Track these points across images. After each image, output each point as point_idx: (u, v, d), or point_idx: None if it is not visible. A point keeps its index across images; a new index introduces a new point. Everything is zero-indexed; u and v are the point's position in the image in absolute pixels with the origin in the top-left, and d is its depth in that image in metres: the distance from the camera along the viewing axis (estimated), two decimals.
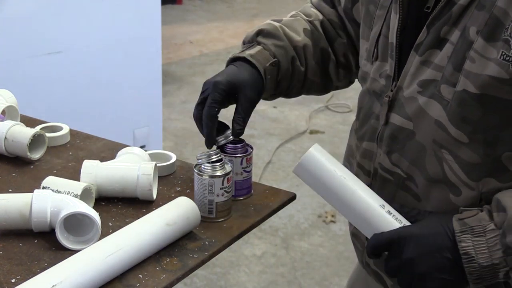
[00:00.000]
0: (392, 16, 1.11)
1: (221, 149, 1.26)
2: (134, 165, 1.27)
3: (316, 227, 3.09)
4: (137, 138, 2.99)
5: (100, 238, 1.10)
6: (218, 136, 1.22)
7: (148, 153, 1.37)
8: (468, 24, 0.99)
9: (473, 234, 0.97)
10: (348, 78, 1.37)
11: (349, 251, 2.90)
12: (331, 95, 4.65)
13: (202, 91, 1.21)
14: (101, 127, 2.48)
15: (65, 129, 1.52)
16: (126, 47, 2.86)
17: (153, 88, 3.03)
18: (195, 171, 1.20)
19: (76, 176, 1.30)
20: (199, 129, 1.21)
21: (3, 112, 1.49)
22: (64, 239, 1.11)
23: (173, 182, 1.34)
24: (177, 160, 1.40)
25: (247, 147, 1.28)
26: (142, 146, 2.90)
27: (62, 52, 2.66)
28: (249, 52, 1.25)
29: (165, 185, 1.33)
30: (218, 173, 1.19)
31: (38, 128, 1.48)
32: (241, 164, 1.26)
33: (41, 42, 2.59)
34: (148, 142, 3.03)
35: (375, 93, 1.15)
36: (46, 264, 1.07)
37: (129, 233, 1.09)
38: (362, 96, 1.21)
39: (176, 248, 1.13)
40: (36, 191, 1.15)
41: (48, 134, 1.46)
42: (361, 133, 1.19)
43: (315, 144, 1.09)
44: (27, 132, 1.39)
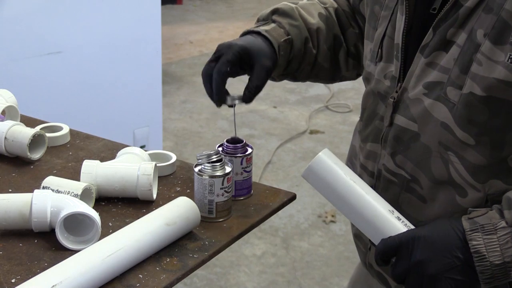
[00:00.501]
0: (398, 17, 1.11)
1: (221, 149, 1.26)
2: (134, 165, 1.27)
3: (316, 227, 3.09)
4: (137, 138, 2.99)
5: (100, 238, 1.10)
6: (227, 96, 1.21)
7: (148, 153, 1.37)
8: (475, 26, 0.99)
9: (484, 232, 0.96)
10: (356, 70, 1.37)
11: (349, 251, 2.90)
12: (331, 95, 4.65)
13: (215, 52, 1.20)
14: (101, 127, 2.48)
15: (65, 129, 1.52)
16: (126, 47, 2.86)
17: (153, 88, 3.02)
18: (195, 171, 1.20)
19: (76, 176, 1.30)
20: (205, 87, 1.19)
21: (3, 112, 1.49)
22: (64, 239, 1.11)
23: (173, 182, 1.34)
24: (177, 160, 1.40)
25: (247, 147, 1.28)
26: (142, 146, 2.90)
27: (62, 52, 2.66)
28: (264, 28, 1.24)
29: (165, 185, 1.33)
30: (218, 173, 1.19)
31: (38, 128, 1.49)
32: (241, 164, 1.26)
33: (41, 42, 2.59)
34: (148, 142, 3.03)
35: (380, 94, 1.15)
36: (46, 264, 1.07)
37: (129, 233, 1.09)
38: (366, 97, 1.20)
39: (176, 248, 1.13)
40: (36, 191, 1.15)
41: (48, 134, 1.46)
42: (365, 134, 1.19)
43: (325, 149, 1.08)
44: (27, 132, 1.39)
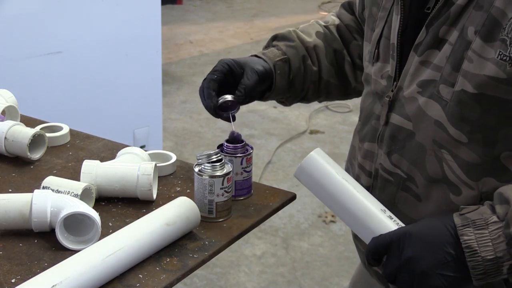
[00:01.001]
0: (393, 18, 1.12)
1: (221, 149, 1.26)
2: (134, 165, 1.27)
3: (316, 227, 3.09)
4: (137, 138, 2.99)
5: (100, 238, 1.10)
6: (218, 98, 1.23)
7: (148, 153, 1.37)
8: (466, 24, 1.00)
9: (475, 227, 0.95)
10: None
11: (349, 251, 2.90)
12: None
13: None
14: (101, 127, 2.48)
15: (65, 129, 1.52)
16: (126, 47, 2.86)
17: (153, 88, 3.02)
18: (195, 171, 1.20)
19: (76, 176, 1.30)
20: (202, 101, 1.23)
21: (3, 112, 1.49)
22: (64, 239, 1.11)
23: (173, 182, 1.34)
24: (177, 160, 1.40)
25: (247, 147, 1.28)
26: (142, 146, 2.90)
27: (62, 52, 2.66)
28: (259, 52, 1.30)
29: (165, 185, 1.33)
30: (218, 173, 1.19)
31: (38, 128, 1.49)
32: (241, 164, 1.26)
33: (41, 42, 2.59)
34: (148, 142, 3.03)
35: (376, 94, 1.16)
36: (46, 264, 1.07)
37: (129, 233, 1.09)
38: (364, 98, 1.21)
39: (176, 248, 1.13)
40: (36, 191, 1.15)
41: (48, 134, 1.46)
42: (362, 134, 1.20)
43: (317, 148, 1.09)
44: (27, 132, 1.39)
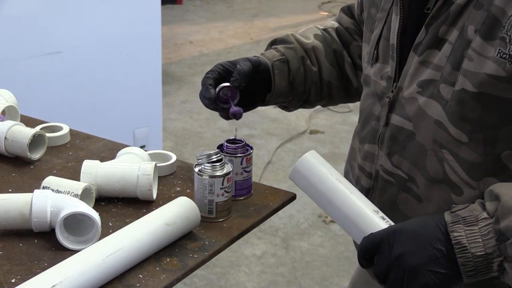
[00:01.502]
0: (392, 18, 1.12)
1: (221, 149, 1.26)
2: (134, 165, 1.27)
3: (316, 227, 3.09)
4: (137, 138, 2.99)
5: (100, 238, 1.10)
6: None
7: (148, 153, 1.37)
8: (466, 23, 1.00)
9: (465, 223, 0.95)
10: None
11: (349, 251, 2.90)
12: None
13: None
14: (101, 127, 2.48)
15: (65, 129, 1.52)
16: (126, 47, 2.86)
17: (153, 88, 3.02)
18: (195, 171, 1.20)
19: (76, 176, 1.30)
20: (201, 100, 1.23)
21: (3, 112, 1.49)
22: (64, 239, 1.11)
23: (173, 182, 1.34)
24: (177, 160, 1.40)
25: (247, 147, 1.28)
26: (142, 146, 2.90)
27: (62, 52, 2.66)
28: (255, 55, 1.30)
29: (165, 185, 1.33)
30: (218, 173, 1.19)
31: (38, 128, 1.49)
32: (241, 164, 1.26)
33: (41, 42, 2.59)
34: (148, 142, 3.03)
35: (376, 95, 1.15)
36: (46, 264, 1.07)
37: (129, 233, 1.09)
38: (364, 99, 1.21)
39: (176, 248, 1.13)
40: (36, 191, 1.15)
41: (48, 134, 1.46)
42: (362, 135, 1.19)
43: (312, 150, 1.10)
44: (27, 132, 1.39)
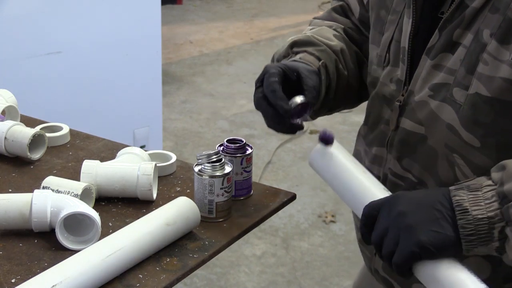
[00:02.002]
0: (404, 21, 1.10)
1: (221, 149, 1.26)
2: (134, 165, 1.27)
3: (316, 227, 3.09)
4: (137, 138, 2.99)
5: (100, 238, 1.10)
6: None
7: (148, 153, 1.37)
8: (482, 27, 0.99)
9: (469, 189, 0.93)
10: None
11: (349, 251, 2.90)
12: None
13: (256, 83, 1.10)
14: (101, 127, 2.48)
15: (65, 129, 1.52)
16: (126, 47, 2.86)
17: (153, 88, 3.02)
18: (195, 171, 1.20)
19: (76, 176, 1.30)
20: (264, 114, 1.07)
21: (3, 112, 1.49)
22: (64, 239, 1.11)
23: (173, 182, 1.34)
24: (177, 160, 1.40)
25: (247, 147, 1.28)
26: (142, 146, 2.90)
27: (62, 52, 2.66)
28: (294, 58, 1.16)
29: (165, 185, 1.33)
30: (218, 173, 1.19)
31: (38, 128, 1.49)
32: (241, 164, 1.26)
33: (41, 42, 2.59)
34: (148, 142, 3.03)
35: (385, 98, 1.14)
36: (46, 264, 1.07)
37: (129, 233, 1.09)
38: (371, 102, 1.19)
39: (176, 248, 1.13)
40: (36, 191, 1.15)
41: (48, 134, 1.46)
42: (370, 139, 1.18)
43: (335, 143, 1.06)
44: (27, 132, 1.39)
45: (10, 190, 1.30)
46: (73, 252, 1.08)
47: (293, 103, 1.05)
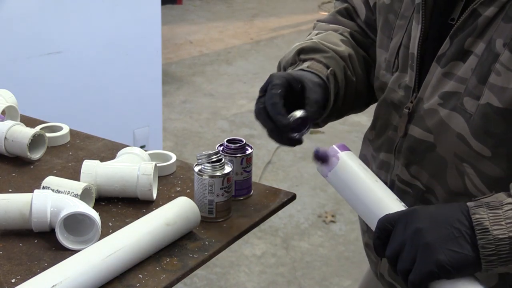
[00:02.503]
0: (413, 26, 1.08)
1: (221, 149, 1.26)
2: (134, 165, 1.27)
3: (316, 227, 3.09)
4: (137, 138, 2.99)
5: (100, 238, 1.10)
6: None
7: (148, 153, 1.37)
8: (494, 36, 0.97)
9: (489, 207, 0.89)
10: None
11: (349, 251, 2.90)
12: None
13: (260, 91, 1.09)
14: (101, 127, 2.48)
15: (65, 129, 1.52)
16: (126, 47, 2.85)
17: (153, 88, 3.02)
18: (195, 171, 1.20)
19: (76, 176, 1.30)
20: (265, 125, 1.06)
21: (3, 112, 1.49)
22: (64, 239, 1.11)
23: (173, 182, 1.34)
24: (177, 160, 1.40)
25: (247, 147, 1.28)
26: (142, 146, 2.90)
27: (62, 52, 2.66)
28: (301, 67, 1.14)
29: (165, 185, 1.33)
30: (218, 173, 1.19)
31: (38, 128, 1.49)
32: (241, 164, 1.26)
33: (41, 42, 2.59)
34: (148, 142, 3.03)
35: (393, 104, 1.13)
36: (46, 264, 1.07)
37: (129, 233, 1.09)
38: (379, 107, 1.17)
39: (176, 248, 1.13)
40: (36, 191, 1.15)
41: (48, 134, 1.46)
42: (377, 144, 1.17)
43: (348, 151, 1.05)
44: (27, 132, 1.39)
45: (10, 190, 1.30)
46: (73, 252, 1.08)
47: (292, 117, 1.04)
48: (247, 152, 1.27)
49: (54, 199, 1.14)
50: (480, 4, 0.99)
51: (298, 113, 1.04)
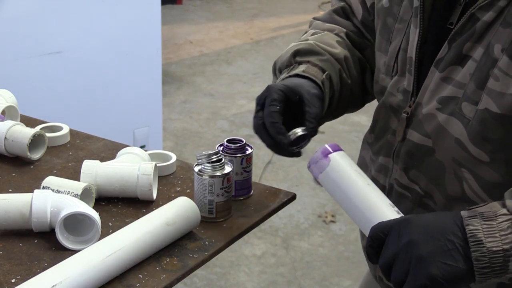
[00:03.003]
0: (411, 30, 1.08)
1: (221, 149, 1.26)
2: (134, 165, 1.27)
3: (316, 227, 3.09)
4: (137, 138, 2.99)
5: (100, 238, 1.10)
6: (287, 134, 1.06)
7: (148, 153, 1.37)
8: (493, 41, 0.97)
9: (483, 218, 0.89)
10: None
11: (349, 251, 2.90)
12: None
13: (256, 104, 1.08)
14: (101, 127, 2.48)
15: (65, 129, 1.52)
16: (126, 47, 2.86)
17: (153, 88, 3.02)
18: (195, 171, 1.20)
19: (76, 176, 1.30)
20: (263, 140, 1.07)
21: (3, 112, 1.49)
22: (64, 239, 1.11)
23: (173, 182, 1.34)
24: (177, 160, 1.40)
25: (247, 147, 1.28)
26: (142, 146, 2.90)
27: (62, 52, 2.66)
28: (296, 71, 1.14)
29: (165, 185, 1.33)
30: (218, 173, 1.19)
31: (38, 128, 1.49)
32: (241, 164, 1.26)
33: (41, 42, 2.59)
34: (148, 142, 3.03)
35: (392, 108, 1.12)
36: (46, 264, 1.07)
37: (129, 233, 1.09)
38: (379, 110, 1.17)
39: (176, 248, 1.13)
40: (36, 191, 1.15)
41: (48, 134, 1.46)
42: (376, 148, 1.17)
43: (340, 151, 1.04)
44: (27, 132, 1.39)
45: (10, 190, 1.30)
46: (73, 252, 1.08)
47: (293, 135, 1.04)
48: (247, 152, 1.27)
49: (54, 199, 1.14)
50: (479, 8, 0.98)
51: (299, 131, 1.05)
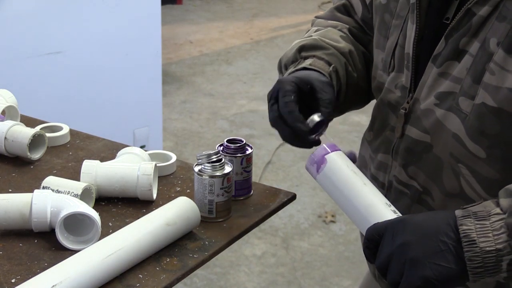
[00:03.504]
0: (408, 26, 1.08)
1: (221, 149, 1.26)
2: (134, 165, 1.27)
3: (316, 227, 3.09)
4: (137, 138, 2.99)
5: (100, 238, 1.10)
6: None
7: (148, 153, 1.37)
8: (488, 35, 0.97)
9: (476, 218, 0.89)
10: None
11: (349, 251, 2.90)
12: None
13: (269, 99, 1.08)
14: (101, 127, 2.48)
15: (65, 129, 1.52)
16: (126, 47, 2.86)
17: (153, 88, 3.02)
18: (195, 171, 1.20)
19: (76, 176, 1.30)
20: (281, 132, 1.06)
21: (3, 112, 1.49)
22: (64, 239, 1.11)
23: (173, 182, 1.34)
24: (177, 160, 1.40)
25: (247, 147, 1.28)
26: (142, 146, 2.90)
27: (62, 52, 2.66)
28: (303, 65, 1.14)
29: (165, 185, 1.33)
30: (218, 173, 1.19)
31: (38, 128, 1.49)
32: (241, 164, 1.26)
33: (41, 42, 2.59)
34: (148, 142, 3.03)
35: (390, 105, 1.12)
36: (46, 264, 1.07)
37: (129, 233, 1.09)
38: (377, 107, 1.17)
39: (176, 248, 1.13)
40: (36, 191, 1.15)
41: (48, 134, 1.46)
42: (375, 145, 1.17)
43: (338, 151, 1.05)
44: (27, 132, 1.39)
45: (10, 190, 1.30)
46: (73, 252, 1.08)
47: (311, 122, 1.04)
48: (247, 152, 1.27)
49: (54, 199, 1.14)
50: (475, 3, 0.99)
51: (316, 117, 1.05)
